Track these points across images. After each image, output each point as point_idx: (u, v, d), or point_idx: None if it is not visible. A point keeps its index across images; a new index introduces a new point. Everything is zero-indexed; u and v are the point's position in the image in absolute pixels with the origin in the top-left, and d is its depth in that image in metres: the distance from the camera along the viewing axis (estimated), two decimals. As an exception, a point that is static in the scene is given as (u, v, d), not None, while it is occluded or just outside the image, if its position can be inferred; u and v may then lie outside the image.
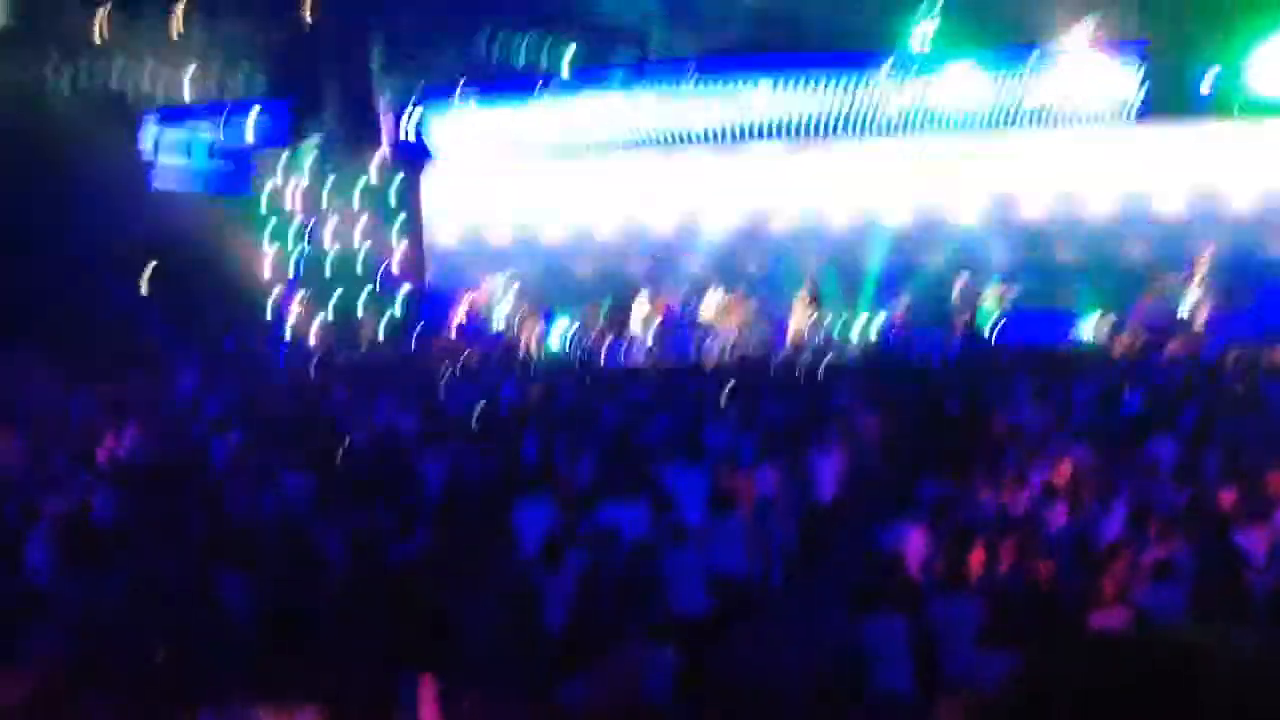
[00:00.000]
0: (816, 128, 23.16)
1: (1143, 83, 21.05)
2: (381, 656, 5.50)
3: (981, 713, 1.00)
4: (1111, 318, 20.94)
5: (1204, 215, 21.67)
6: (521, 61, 24.31)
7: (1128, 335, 19.90)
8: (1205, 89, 20.62)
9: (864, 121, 22.98)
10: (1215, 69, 20.56)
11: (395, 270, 25.00)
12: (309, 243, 24.18)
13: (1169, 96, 20.89)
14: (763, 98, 23.12)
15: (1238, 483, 9.79)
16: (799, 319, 22.53)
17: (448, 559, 8.55)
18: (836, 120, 23.04)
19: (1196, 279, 21.43)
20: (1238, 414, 12.68)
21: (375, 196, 24.83)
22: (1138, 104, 21.27)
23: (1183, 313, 21.11)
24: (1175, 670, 0.93)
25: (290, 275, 23.95)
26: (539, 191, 25.08)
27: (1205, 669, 0.94)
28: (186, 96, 23.16)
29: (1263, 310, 19.93)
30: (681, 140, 24.34)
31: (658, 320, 23.63)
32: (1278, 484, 9.67)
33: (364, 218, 24.67)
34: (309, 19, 22.93)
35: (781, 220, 24.51)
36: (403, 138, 24.74)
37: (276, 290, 23.66)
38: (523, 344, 22.86)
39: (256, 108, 23.68)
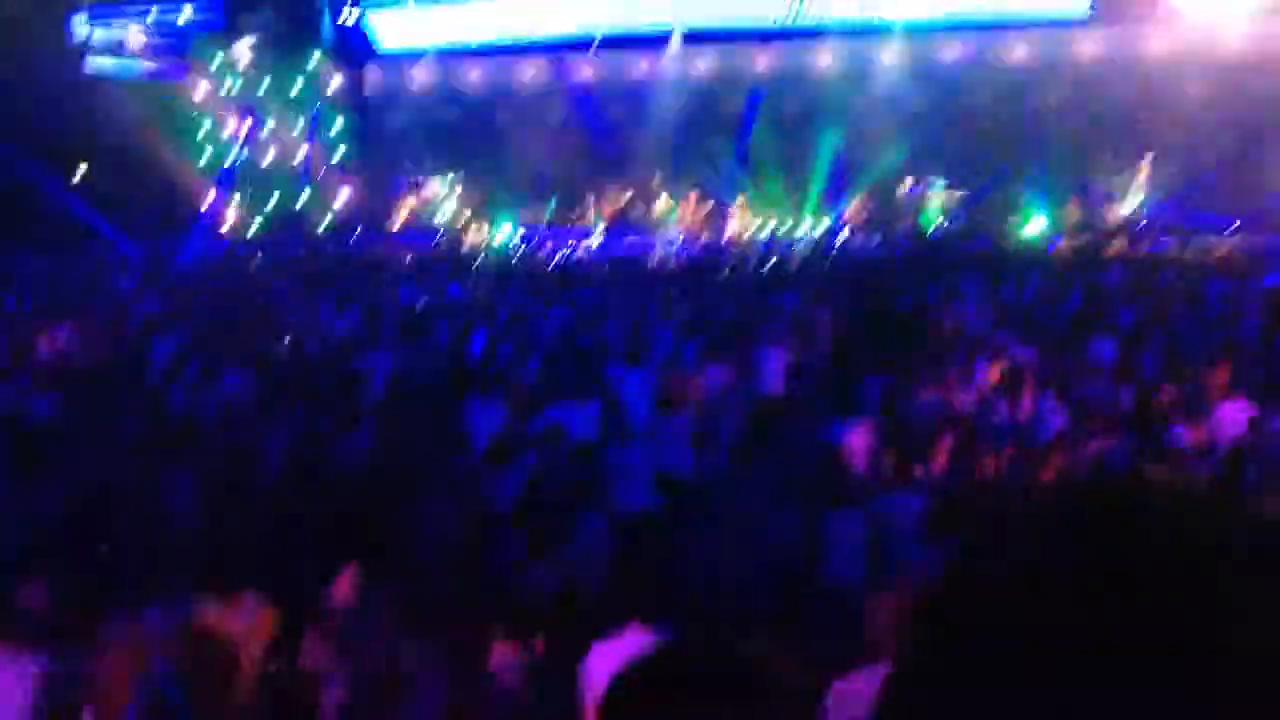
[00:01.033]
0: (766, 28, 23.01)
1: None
2: (325, 553, 5.46)
3: (923, 600, 0.96)
4: (1057, 217, 21.14)
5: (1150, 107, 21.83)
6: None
7: (1070, 235, 20.11)
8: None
9: (814, 24, 22.88)
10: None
11: (335, 168, 24.61)
12: (246, 138, 23.68)
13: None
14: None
15: (1176, 380, 9.94)
16: (741, 221, 22.60)
17: (392, 458, 8.50)
18: (785, 21, 22.87)
19: (1140, 177, 21.67)
20: (1176, 312, 12.86)
21: (315, 92, 24.31)
22: (1088, 5, 21.35)
23: (1125, 211, 21.36)
24: (1112, 507, 0.90)
25: (227, 172, 23.49)
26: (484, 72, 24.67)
27: (1145, 502, 0.91)
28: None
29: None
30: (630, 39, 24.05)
31: (605, 221, 23.57)
32: (1216, 381, 9.82)
33: (303, 114, 24.17)
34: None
35: (730, 111, 24.37)
36: (343, 36, 24.18)
37: (212, 187, 23.22)
38: (467, 244, 22.68)
39: (189, 7, 23.01)
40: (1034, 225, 21.52)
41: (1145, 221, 21.62)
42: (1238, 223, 20.91)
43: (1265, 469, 8.06)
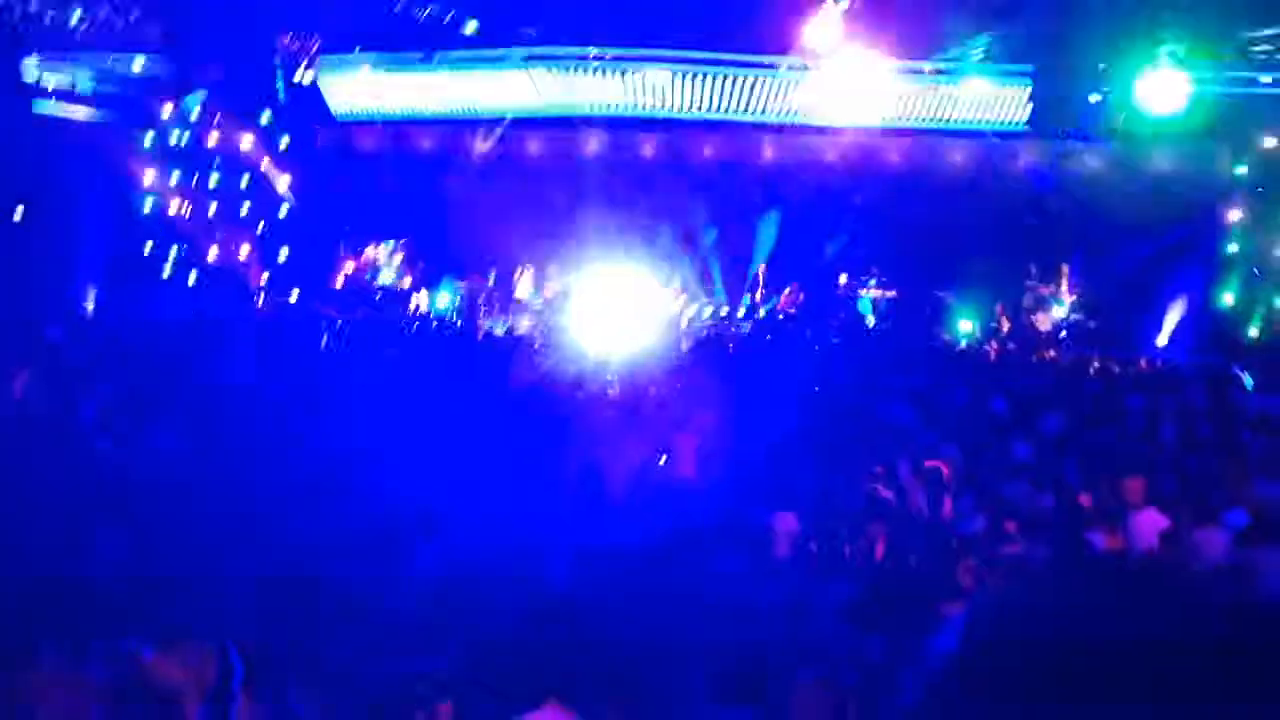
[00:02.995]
0: (714, 115, 23.45)
1: (1032, 99, 21.86)
2: (258, 614, 5.46)
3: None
4: (984, 320, 21.68)
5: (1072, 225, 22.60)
6: (422, 27, 24.04)
7: (998, 340, 20.62)
8: (1090, 107, 21.68)
9: (761, 113, 23.37)
10: (1099, 92, 21.54)
11: (280, 226, 24.58)
12: (191, 191, 23.61)
13: (1055, 115, 21.78)
14: (662, 84, 23.28)
15: (1095, 487, 10.21)
16: (674, 307, 22.94)
17: (325, 524, 8.48)
18: (733, 111, 23.36)
19: (1064, 288, 22.37)
20: (1098, 421, 13.21)
21: (264, 150, 24.34)
22: (1027, 117, 22.11)
23: (1052, 320, 21.99)
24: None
25: (170, 223, 23.36)
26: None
27: None
28: (75, 35, 22.41)
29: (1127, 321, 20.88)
30: (577, 121, 24.40)
31: (544, 296, 23.76)
32: (1132, 490, 10.09)
33: (251, 171, 24.19)
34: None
35: (674, 195, 24.76)
36: (295, 94, 24.27)
37: (155, 238, 23.07)
38: (407, 309, 22.73)
39: (143, 58, 23.02)
40: (963, 327, 22.06)
41: (1069, 330, 22.28)
42: (1159, 337, 21.61)
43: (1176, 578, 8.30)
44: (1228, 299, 22.95)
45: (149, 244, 22.92)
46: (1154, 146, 22.31)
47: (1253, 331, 22.33)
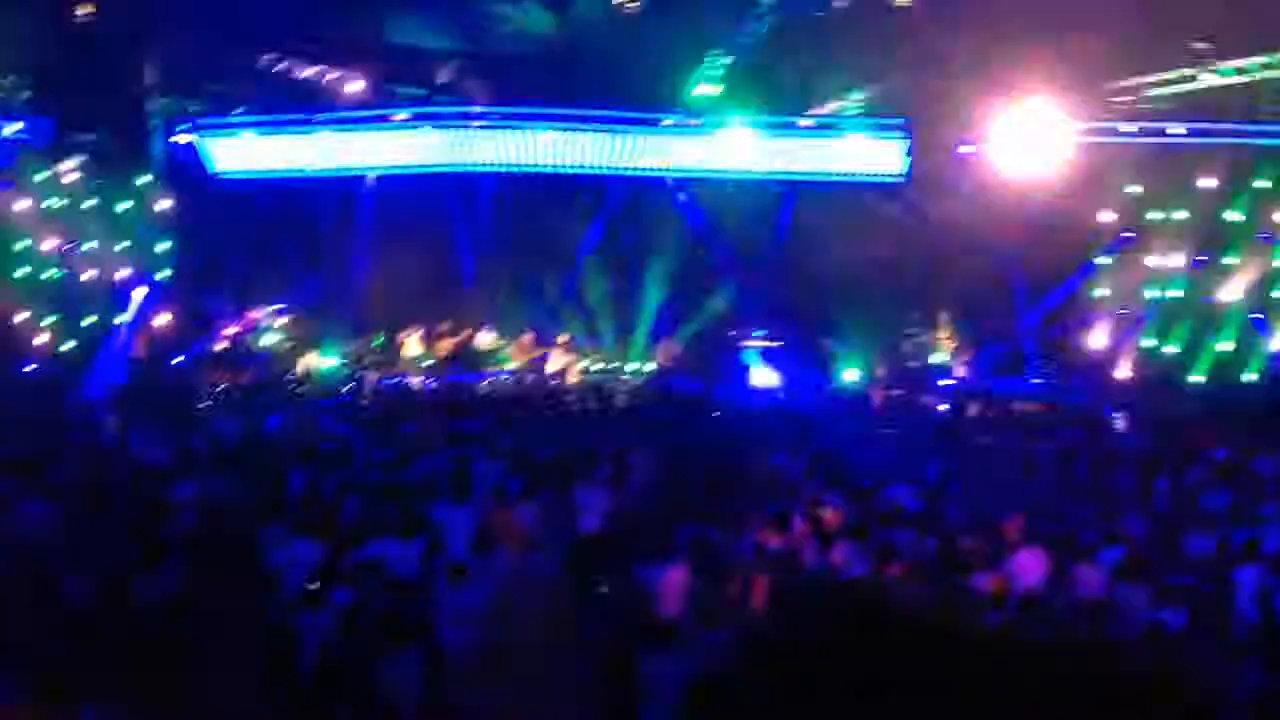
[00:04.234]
0: (600, 170, 23.65)
1: (908, 152, 22.50)
2: (123, 693, 5.31)
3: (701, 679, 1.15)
4: (868, 370, 22.08)
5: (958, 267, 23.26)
6: (304, 90, 23.87)
7: (881, 387, 20.99)
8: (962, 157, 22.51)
9: (644, 171, 23.65)
10: (971, 143, 22.33)
11: (158, 293, 24.03)
12: (67, 262, 23.00)
13: (931, 163, 22.47)
14: (548, 145, 23.40)
15: (976, 530, 10.44)
16: (562, 361, 22.97)
17: (199, 596, 8.29)
18: (620, 166, 23.58)
19: (942, 334, 22.96)
20: (977, 464, 13.54)
21: (142, 214, 23.84)
22: (904, 169, 22.75)
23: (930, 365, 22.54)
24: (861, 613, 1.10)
25: (43, 290, 22.70)
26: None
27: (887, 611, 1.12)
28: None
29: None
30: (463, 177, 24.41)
31: (434, 356, 23.59)
32: (1011, 531, 10.33)
33: (129, 235, 23.67)
34: (81, 33, 21.88)
35: (556, 260, 24.87)
36: (176, 159, 23.83)
37: (26, 310, 22.37)
38: (291, 375, 22.35)
39: (19, 124, 22.45)
40: (847, 376, 22.44)
41: (951, 377, 22.81)
42: (1037, 381, 22.23)
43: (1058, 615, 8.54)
44: (1099, 341, 23.75)
45: (23, 312, 22.23)
46: (1026, 194, 23.10)
47: (1121, 374, 23.11)
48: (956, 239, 22.98)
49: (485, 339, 24.03)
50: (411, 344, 23.66)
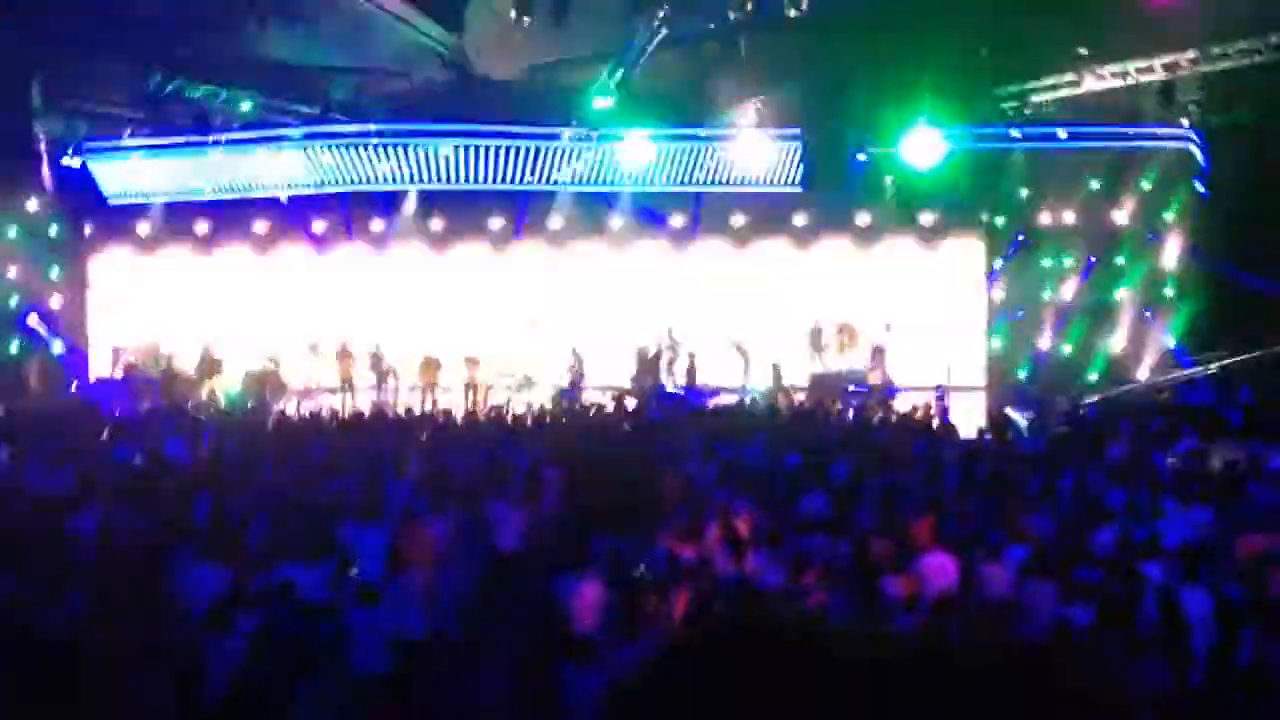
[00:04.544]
0: (501, 186, 23.62)
1: (801, 160, 22.80)
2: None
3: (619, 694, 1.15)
4: (776, 378, 22.27)
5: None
6: (195, 111, 23.46)
7: (786, 394, 21.19)
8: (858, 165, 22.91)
9: (544, 181, 23.66)
10: (864, 150, 22.73)
11: (48, 319, 23.44)
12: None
13: (825, 171, 22.80)
14: (446, 161, 23.30)
15: (887, 533, 10.55)
16: (471, 377, 22.88)
17: (101, 625, 8.06)
18: (520, 181, 23.56)
19: (851, 340, 23.28)
20: (887, 467, 13.70)
21: (31, 239, 23.24)
22: (798, 176, 23.03)
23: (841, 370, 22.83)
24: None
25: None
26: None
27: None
28: None
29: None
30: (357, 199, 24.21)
31: (342, 375, 23.33)
32: (921, 533, 10.46)
33: (17, 261, 23.04)
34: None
35: (461, 280, 24.79)
36: (64, 181, 23.27)
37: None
38: (190, 400, 21.91)
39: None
40: (759, 383, 22.64)
41: (859, 380, 23.13)
42: (938, 385, 22.61)
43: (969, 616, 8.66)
44: (995, 344, 24.26)
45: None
46: (921, 201, 23.54)
47: (1021, 374, 23.64)
48: (859, 245, 23.39)
49: (390, 359, 23.86)
50: (318, 363, 23.41)
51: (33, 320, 23.10)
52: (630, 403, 20.97)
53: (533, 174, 23.55)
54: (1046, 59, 22.96)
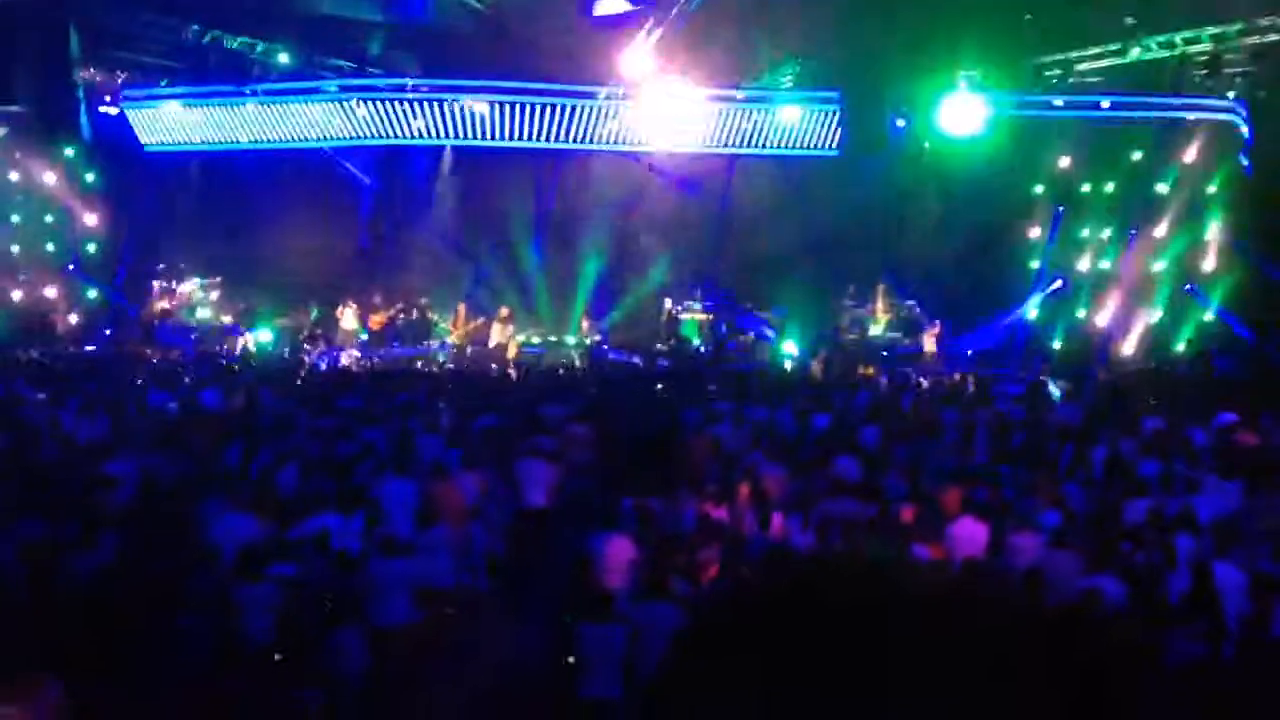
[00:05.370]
0: (535, 144, 23.52)
1: (840, 124, 22.56)
2: (63, 668, 5.19)
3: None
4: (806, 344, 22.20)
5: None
6: (233, 62, 23.50)
7: (819, 360, 21.09)
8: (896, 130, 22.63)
9: (582, 140, 23.54)
10: (904, 115, 22.46)
11: (91, 264, 23.63)
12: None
13: (864, 136, 22.54)
14: (481, 118, 23.21)
15: (916, 499, 10.53)
16: (502, 334, 22.87)
17: (137, 570, 8.15)
18: (554, 139, 23.46)
19: (879, 307, 23.15)
20: (917, 435, 13.64)
21: (70, 186, 23.38)
22: (836, 141, 22.80)
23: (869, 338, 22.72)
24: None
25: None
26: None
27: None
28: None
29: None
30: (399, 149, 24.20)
31: (371, 328, 23.42)
32: (950, 501, 10.43)
33: (56, 208, 23.21)
34: (4, 3, 21.27)
35: (494, 234, 24.79)
36: (102, 130, 23.37)
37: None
38: (225, 348, 22.06)
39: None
40: (786, 348, 22.55)
41: (888, 346, 23.04)
42: (969, 352, 22.48)
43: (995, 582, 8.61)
44: (1032, 313, 24.03)
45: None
46: (958, 168, 23.26)
47: (1056, 343, 23.42)
48: (893, 211, 23.20)
49: (425, 313, 23.95)
50: (348, 317, 23.49)
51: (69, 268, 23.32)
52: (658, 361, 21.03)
53: (568, 133, 23.43)
54: (1093, 28, 22.60)
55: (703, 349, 23.01)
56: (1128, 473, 11.69)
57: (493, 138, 23.25)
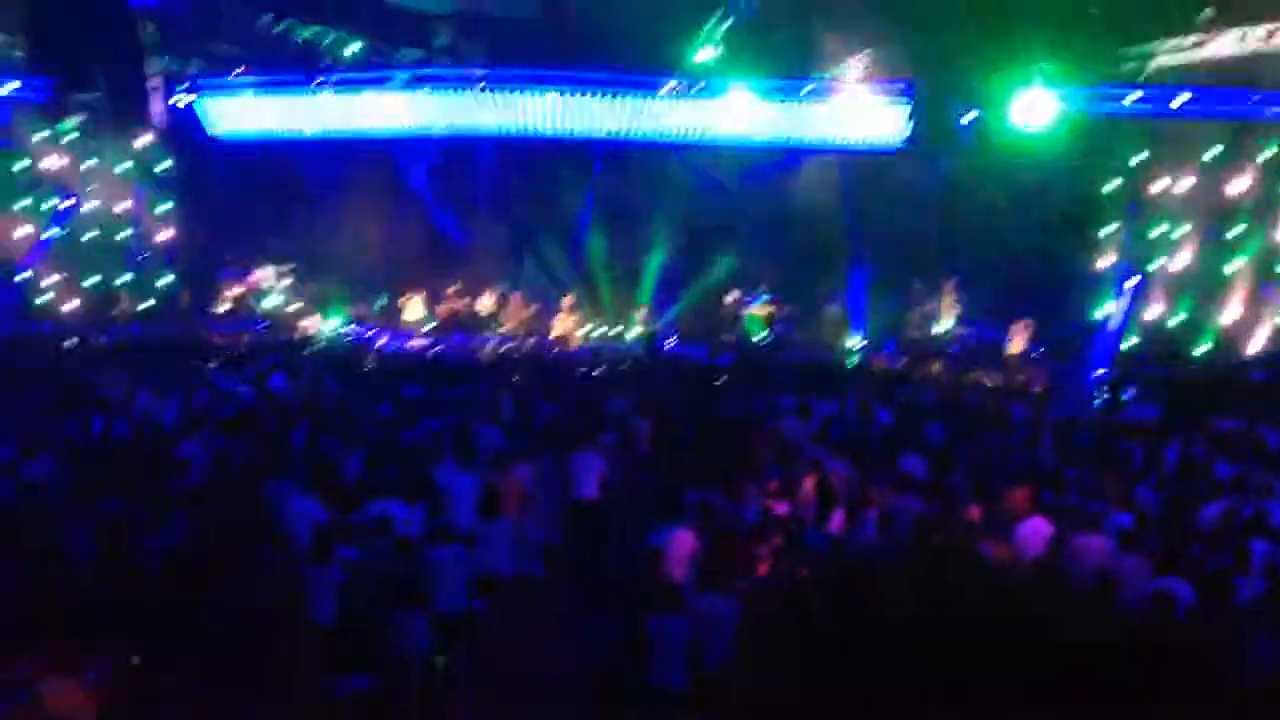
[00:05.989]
0: (601, 135, 23.45)
1: (910, 117, 22.26)
2: (135, 644, 5.29)
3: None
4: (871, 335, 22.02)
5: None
6: (303, 51, 23.73)
7: (885, 355, 20.88)
8: (965, 123, 22.26)
9: (645, 135, 23.43)
10: (975, 109, 22.11)
11: (160, 252, 24.00)
12: (68, 219, 22.95)
13: (934, 129, 22.23)
14: (548, 109, 23.19)
15: (982, 498, 10.39)
16: (564, 325, 22.89)
17: (205, 549, 8.28)
18: (620, 131, 23.38)
19: (946, 303, 22.88)
20: (982, 432, 13.48)
21: (143, 173, 23.76)
22: (906, 134, 22.51)
23: (938, 331, 22.48)
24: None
25: (45, 248, 22.67)
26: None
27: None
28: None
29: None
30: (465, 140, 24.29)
31: (439, 317, 23.59)
32: (1018, 500, 10.28)
33: (129, 195, 23.59)
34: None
35: (563, 214, 24.84)
36: (175, 118, 23.69)
37: (30, 264, 22.38)
38: (294, 335, 22.32)
39: (16, 83, 22.34)
40: (853, 342, 22.36)
41: (957, 343, 22.74)
42: (1042, 349, 22.13)
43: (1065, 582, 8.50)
44: (1116, 313, 23.58)
45: (26, 271, 22.22)
46: (1030, 163, 22.87)
47: (1130, 342, 22.99)
48: (962, 206, 22.89)
49: (485, 302, 24.03)
50: (413, 306, 23.66)
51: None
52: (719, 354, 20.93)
53: (631, 126, 23.34)
54: (1171, 20, 22.09)
55: (765, 341, 22.88)
56: (1202, 475, 11.47)
57: (560, 126, 23.22)
